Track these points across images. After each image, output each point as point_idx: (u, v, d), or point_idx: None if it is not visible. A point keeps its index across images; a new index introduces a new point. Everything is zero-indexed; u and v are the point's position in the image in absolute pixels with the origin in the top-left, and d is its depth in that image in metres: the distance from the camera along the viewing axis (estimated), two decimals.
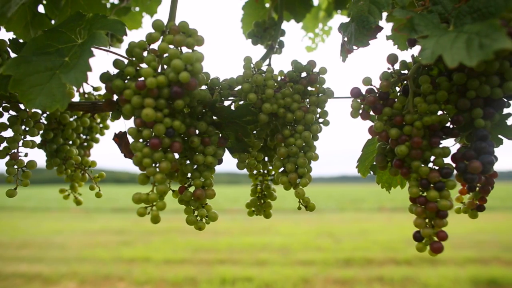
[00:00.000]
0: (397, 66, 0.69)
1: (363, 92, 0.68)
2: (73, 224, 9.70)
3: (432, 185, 0.61)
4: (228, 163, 0.79)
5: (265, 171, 0.84)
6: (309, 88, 0.75)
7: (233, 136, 0.73)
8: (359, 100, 0.67)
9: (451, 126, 0.64)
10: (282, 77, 0.77)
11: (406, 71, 0.69)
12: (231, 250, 6.63)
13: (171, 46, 0.63)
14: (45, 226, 9.30)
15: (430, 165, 0.63)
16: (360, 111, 0.67)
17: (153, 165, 0.63)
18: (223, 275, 4.99)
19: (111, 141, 0.80)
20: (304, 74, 0.75)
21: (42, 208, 14.20)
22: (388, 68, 0.65)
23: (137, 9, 1.24)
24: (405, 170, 0.63)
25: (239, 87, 0.73)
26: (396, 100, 0.67)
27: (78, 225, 9.50)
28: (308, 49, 1.32)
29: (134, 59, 0.65)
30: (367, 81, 0.66)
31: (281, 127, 0.73)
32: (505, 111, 0.81)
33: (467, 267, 5.23)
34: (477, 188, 0.82)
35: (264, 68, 0.76)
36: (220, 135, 0.73)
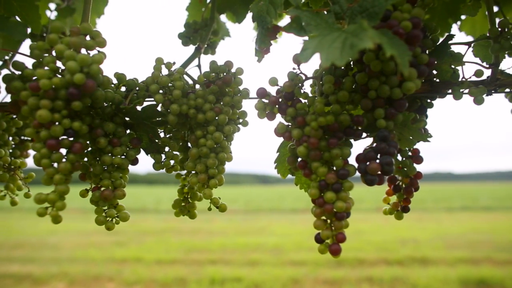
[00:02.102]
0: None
1: (274, 92, 0.68)
2: (69, 224, 9.71)
3: (330, 186, 0.60)
4: (227, 163, 0.76)
5: (194, 172, 0.83)
6: (229, 89, 0.75)
7: (147, 137, 0.73)
8: (266, 101, 0.66)
9: (356, 127, 0.63)
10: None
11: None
12: (224, 251, 6.63)
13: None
14: (41, 226, 9.32)
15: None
16: (267, 112, 0.66)
17: (54, 165, 0.62)
18: (213, 276, 4.99)
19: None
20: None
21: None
22: (294, 68, 0.65)
23: None
24: (307, 171, 0.63)
25: None
26: (304, 100, 0.66)
27: (74, 226, 9.51)
28: None
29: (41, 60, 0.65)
30: (273, 81, 0.66)
31: (194, 128, 0.73)
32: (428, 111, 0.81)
33: (458, 267, 5.21)
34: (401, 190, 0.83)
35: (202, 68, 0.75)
36: (135, 136, 0.73)
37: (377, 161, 0.60)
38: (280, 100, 0.66)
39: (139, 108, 0.68)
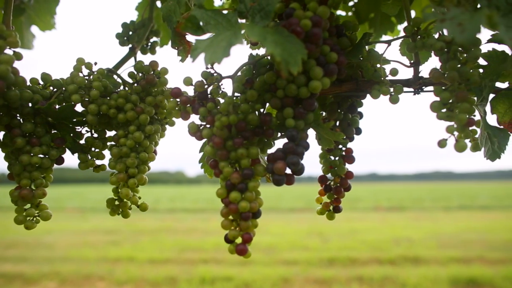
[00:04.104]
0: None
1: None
2: (65, 224, 9.74)
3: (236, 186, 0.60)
4: None
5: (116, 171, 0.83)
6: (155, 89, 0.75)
7: (70, 137, 0.73)
8: (178, 100, 0.66)
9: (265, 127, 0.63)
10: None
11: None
12: (217, 250, 6.64)
13: None
14: (37, 226, 9.33)
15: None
16: (181, 111, 0.66)
17: None
18: (204, 275, 4.99)
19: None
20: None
21: None
22: (207, 68, 0.65)
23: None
24: (217, 170, 0.63)
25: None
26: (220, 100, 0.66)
27: (70, 225, 9.55)
28: None
29: None
30: (187, 81, 0.66)
31: (118, 127, 0.73)
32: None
33: (449, 267, 5.20)
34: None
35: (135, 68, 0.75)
36: (60, 135, 0.73)
37: (284, 160, 0.60)
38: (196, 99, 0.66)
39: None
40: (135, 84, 0.75)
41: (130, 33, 0.89)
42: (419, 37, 0.66)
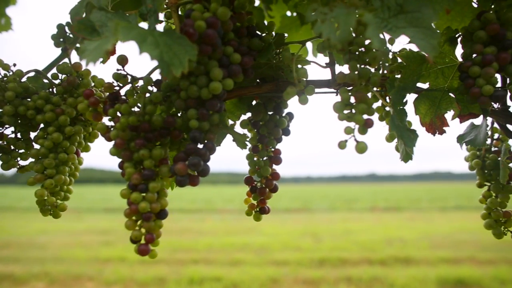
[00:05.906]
0: None
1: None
2: (60, 224, 9.73)
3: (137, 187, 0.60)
4: (229, 163, 0.70)
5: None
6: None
7: None
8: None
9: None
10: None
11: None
12: (209, 250, 6.64)
13: None
14: (32, 226, 9.36)
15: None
16: (93, 113, 0.67)
17: None
18: (193, 275, 5.00)
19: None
20: None
21: (34, 208, 14.17)
22: (118, 69, 0.65)
23: None
24: (123, 171, 0.63)
25: None
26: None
27: (65, 225, 9.55)
28: None
29: None
30: (98, 82, 0.66)
31: (38, 128, 0.73)
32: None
33: (439, 267, 5.20)
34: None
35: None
36: None
37: (186, 162, 0.61)
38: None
39: None
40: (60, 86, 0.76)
41: (68, 34, 0.89)
42: None
